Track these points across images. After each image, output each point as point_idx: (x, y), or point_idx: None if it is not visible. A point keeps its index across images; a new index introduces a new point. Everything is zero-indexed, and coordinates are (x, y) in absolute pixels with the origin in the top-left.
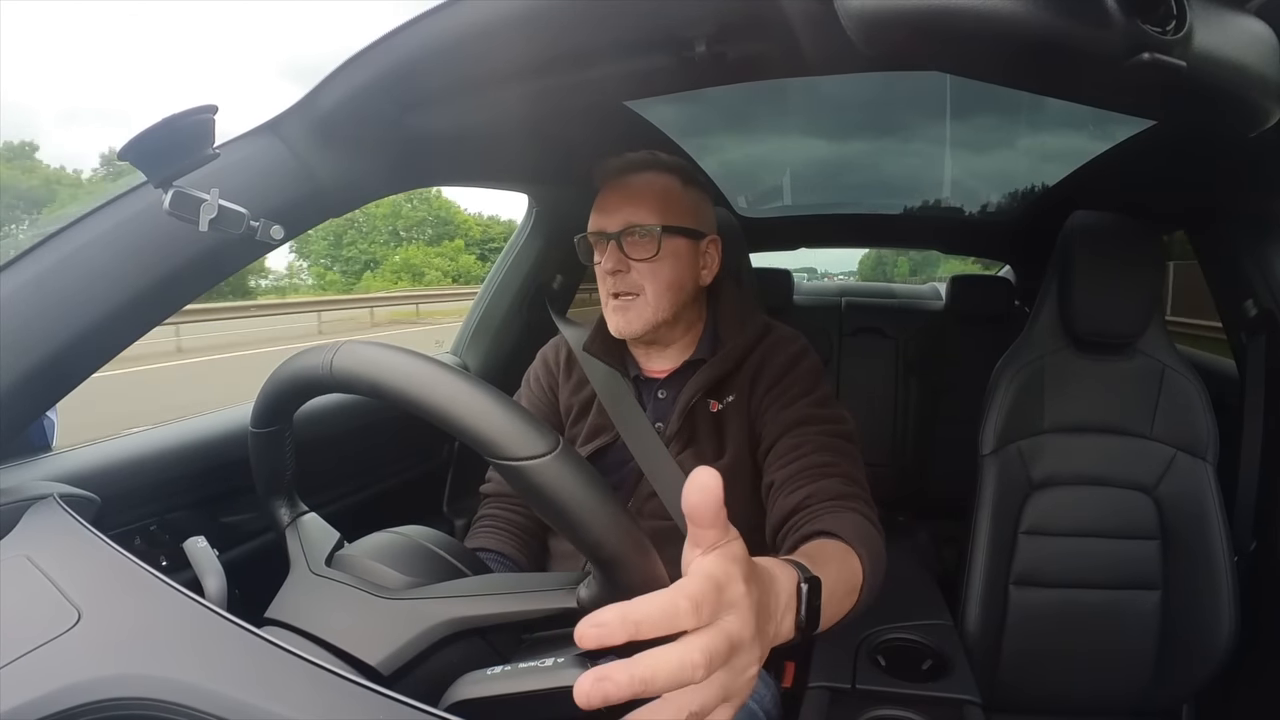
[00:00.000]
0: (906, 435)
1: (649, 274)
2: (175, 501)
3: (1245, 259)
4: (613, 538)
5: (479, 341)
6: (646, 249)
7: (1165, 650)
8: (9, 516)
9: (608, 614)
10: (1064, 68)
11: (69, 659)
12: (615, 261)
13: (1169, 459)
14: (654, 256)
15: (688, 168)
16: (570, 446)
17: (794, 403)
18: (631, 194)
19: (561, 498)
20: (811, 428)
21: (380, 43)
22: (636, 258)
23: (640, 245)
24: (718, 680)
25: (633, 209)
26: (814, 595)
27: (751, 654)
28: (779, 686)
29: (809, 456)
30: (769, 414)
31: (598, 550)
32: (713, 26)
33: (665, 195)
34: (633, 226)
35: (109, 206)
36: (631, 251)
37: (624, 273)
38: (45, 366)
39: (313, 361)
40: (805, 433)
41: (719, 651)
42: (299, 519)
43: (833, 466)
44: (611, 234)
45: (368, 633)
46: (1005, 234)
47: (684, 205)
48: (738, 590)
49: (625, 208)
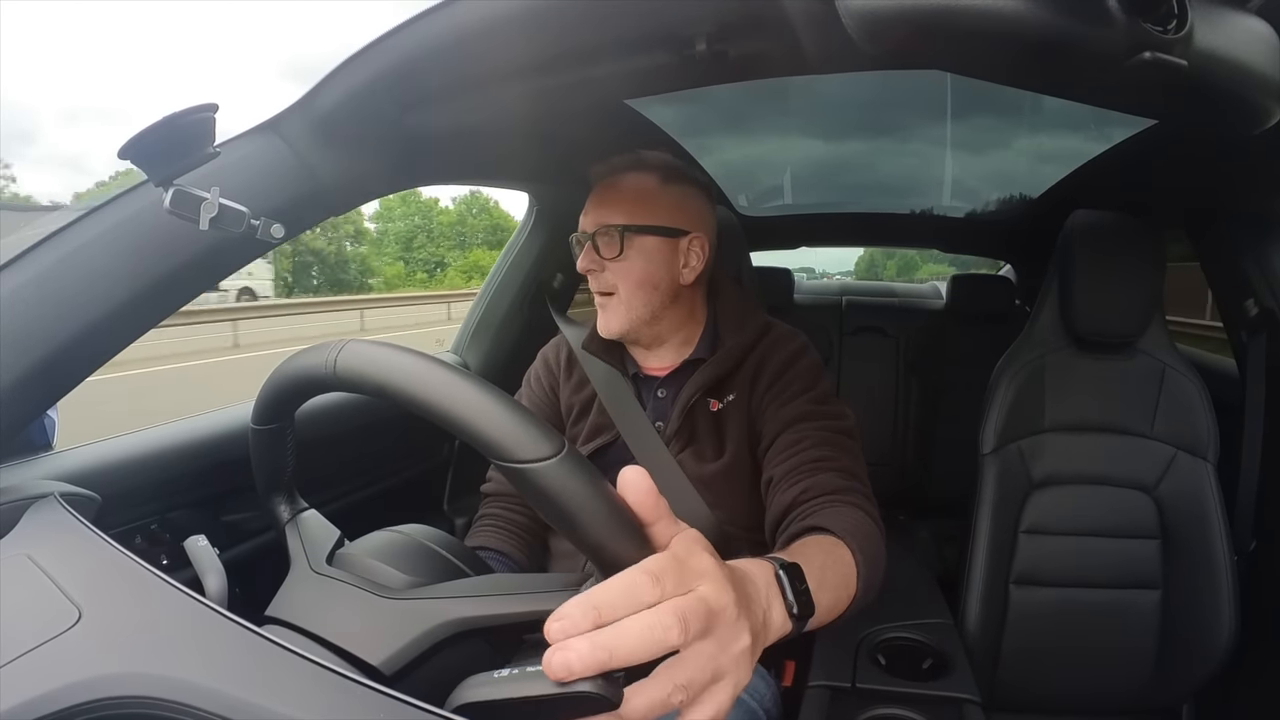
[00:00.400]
0: (907, 434)
1: (620, 273)
2: (176, 500)
3: (1246, 258)
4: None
5: (479, 340)
6: (611, 249)
7: (1165, 649)
8: (9, 515)
9: (569, 606)
10: (1065, 67)
11: (69, 658)
12: (589, 261)
13: (1169, 458)
14: (618, 256)
15: (674, 165)
16: (575, 449)
17: (794, 399)
18: (607, 195)
19: (566, 501)
20: (810, 424)
21: (381, 41)
22: (605, 257)
23: (607, 245)
24: (704, 652)
25: (605, 210)
26: (795, 580)
27: (737, 628)
28: (779, 685)
29: (807, 451)
30: (769, 411)
31: (601, 553)
32: (714, 25)
33: (637, 195)
34: (601, 227)
35: (109, 205)
36: (604, 252)
37: (597, 272)
38: (46, 365)
39: (315, 360)
40: (804, 429)
41: (694, 613)
42: (299, 516)
43: (830, 461)
44: (588, 234)
45: (369, 633)
46: (1006, 233)
47: (659, 204)
48: (704, 561)
49: (599, 209)
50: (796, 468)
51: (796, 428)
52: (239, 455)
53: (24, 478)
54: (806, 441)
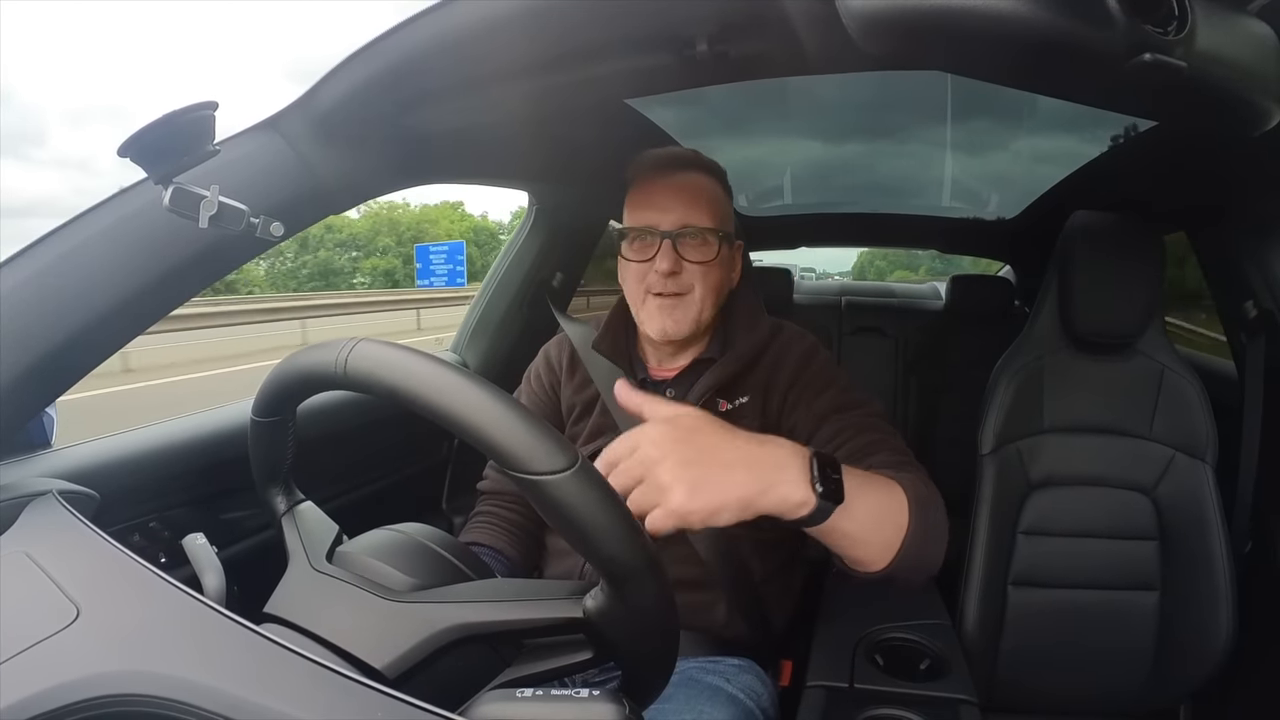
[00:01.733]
0: (905, 435)
1: (700, 276)
2: (175, 498)
3: (1245, 260)
4: (627, 556)
5: (479, 339)
6: (705, 252)
7: (1163, 651)
8: (8, 513)
9: None
10: (1065, 68)
11: (67, 655)
12: (672, 262)
13: (1168, 460)
14: (712, 260)
15: (724, 171)
16: (588, 462)
17: (823, 392)
18: (684, 193)
19: (579, 514)
20: (849, 414)
21: (381, 39)
22: (693, 260)
23: (698, 248)
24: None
25: (686, 209)
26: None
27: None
28: (776, 686)
29: (854, 440)
30: (799, 409)
31: (611, 565)
32: (715, 25)
33: (715, 198)
34: (689, 227)
35: (109, 203)
36: (688, 253)
37: (677, 274)
38: (45, 362)
39: (324, 357)
40: (844, 420)
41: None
42: (296, 508)
43: (881, 444)
44: (667, 232)
45: (372, 635)
46: (1006, 234)
47: (727, 209)
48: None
49: (679, 207)
50: (848, 457)
51: (835, 420)
52: (238, 453)
53: (23, 475)
54: (849, 430)
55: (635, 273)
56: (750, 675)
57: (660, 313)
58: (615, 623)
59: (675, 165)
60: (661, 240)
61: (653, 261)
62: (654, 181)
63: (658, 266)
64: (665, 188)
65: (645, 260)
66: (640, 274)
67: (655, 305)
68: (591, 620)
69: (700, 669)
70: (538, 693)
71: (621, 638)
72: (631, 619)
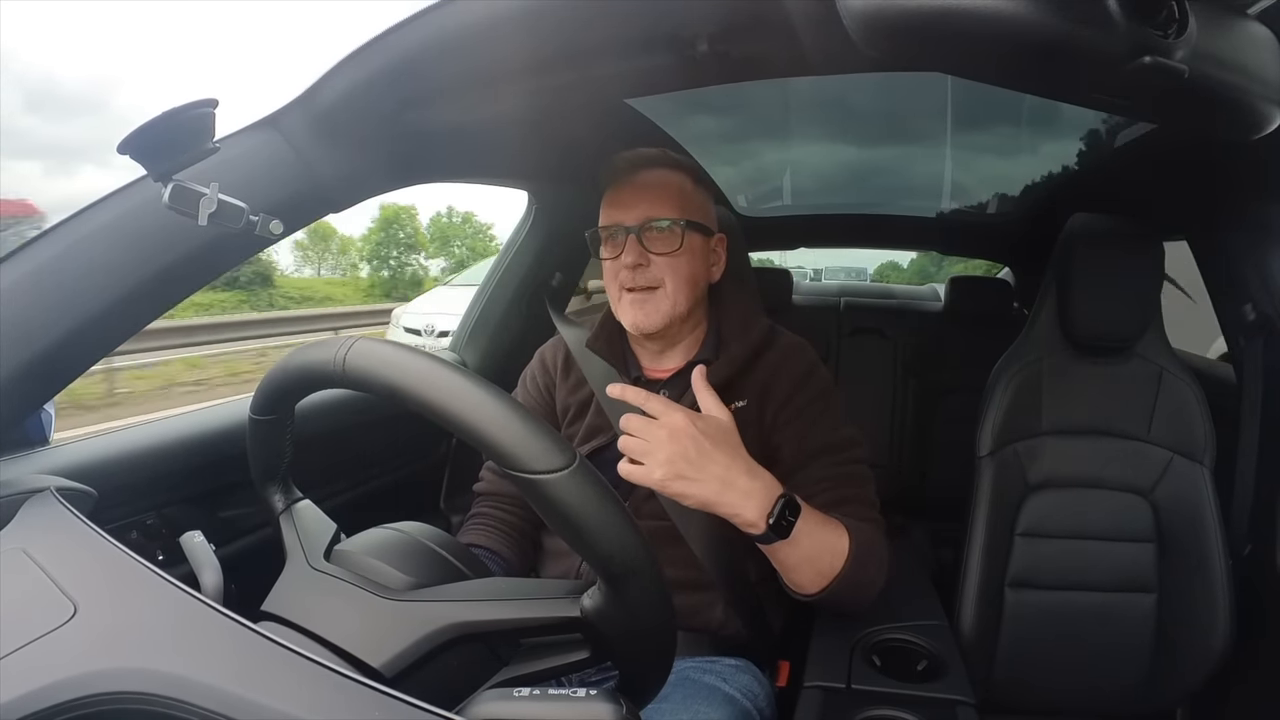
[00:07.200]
0: (904, 436)
1: (669, 268)
2: (172, 496)
3: (1244, 263)
4: (623, 554)
5: (478, 338)
6: (669, 242)
7: (1160, 653)
8: (6, 509)
9: None
10: (1065, 70)
11: (65, 653)
12: (636, 255)
13: (1166, 462)
14: (677, 250)
15: (697, 167)
16: (586, 461)
17: (817, 422)
18: (648, 189)
19: (576, 513)
20: (830, 458)
21: (381, 38)
22: (658, 251)
23: (662, 239)
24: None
25: (650, 204)
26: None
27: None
28: (773, 686)
29: (832, 491)
30: (787, 431)
31: (608, 564)
32: (715, 26)
33: (681, 191)
34: (652, 220)
35: (109, 200)
36: (653, 245)
37: (644, 266)
38: (44, 359)
39: (324, 356)
40: (830, 464)
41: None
42: (294, 506)
43: (855, 497)
44: (630, 228)
45: (370, 634)
46: (1005, 235)
47: (697, 202)
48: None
49: (642, 203)
50: (822, 505)
51: (823, 461)
52: (236, 451)
53: (20, 472)
54: (830, 481)
55: (610, 271)
56: (747, 675)
57: (632, 307)
58: (612, 622)
59: (641, 164)
60: (627, 235)
61: (621, 257)
62: (621, 183)
63: (624, 260)
64: (630, 186)
65: (615, 257)
66: (614, 271)
67: (628, 300)
68: (588, 619)
69: (697, 669)
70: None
71: (618, 637)
72: (628, 618)
